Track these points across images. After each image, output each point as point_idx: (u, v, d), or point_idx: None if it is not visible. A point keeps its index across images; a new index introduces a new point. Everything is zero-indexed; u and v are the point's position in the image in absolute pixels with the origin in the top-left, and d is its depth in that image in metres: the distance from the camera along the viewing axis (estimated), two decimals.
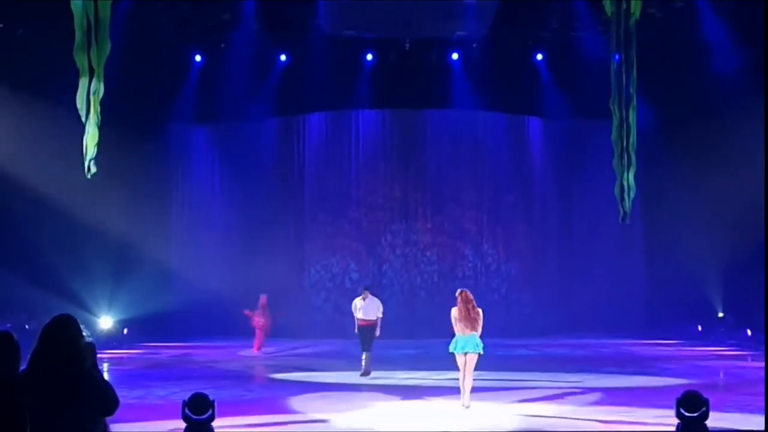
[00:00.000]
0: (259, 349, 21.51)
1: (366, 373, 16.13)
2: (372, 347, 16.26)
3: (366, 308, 16.40)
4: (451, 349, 12.14)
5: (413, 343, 23.83)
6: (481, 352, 12.03)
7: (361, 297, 16.66)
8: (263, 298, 21.69)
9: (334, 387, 14.89)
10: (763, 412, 9.72)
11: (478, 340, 11.97)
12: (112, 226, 23.74)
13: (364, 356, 16.24)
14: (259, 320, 21.50)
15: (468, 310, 11.95)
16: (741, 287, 23.82)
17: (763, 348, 21.45)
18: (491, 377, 15.25)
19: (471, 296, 12.11)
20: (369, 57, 27.04)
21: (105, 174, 10.20)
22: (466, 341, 11.93)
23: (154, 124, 26.64)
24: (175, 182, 28.86)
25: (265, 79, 27.17)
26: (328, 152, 28.57)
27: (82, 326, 5.12)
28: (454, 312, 12.11)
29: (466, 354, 11.91)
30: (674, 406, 7.53)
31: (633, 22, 10.32)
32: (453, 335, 12.14)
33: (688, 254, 25.03)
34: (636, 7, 10.30)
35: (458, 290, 12.46)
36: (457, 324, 12.05)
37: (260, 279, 26.60)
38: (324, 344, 24.56)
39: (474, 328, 11.95)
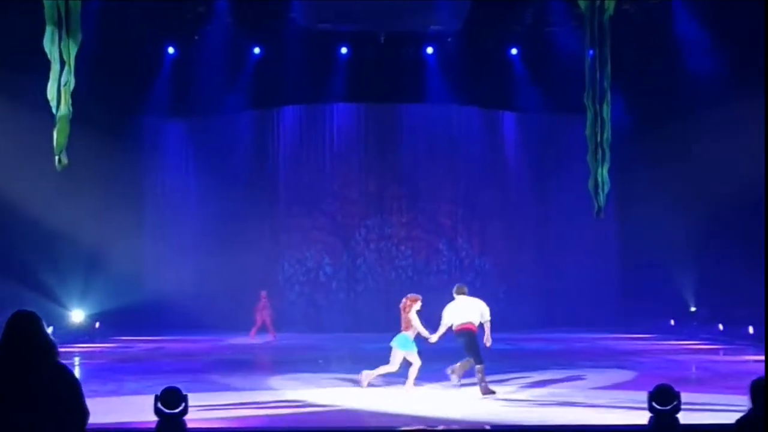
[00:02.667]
0: (253, 336, 24.00)
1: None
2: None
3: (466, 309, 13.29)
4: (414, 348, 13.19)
5: (387, 337, 23.80)
6: None
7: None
8: (263, 294, 24.45)
9: (313, 380, 14.85)
10: (735, 405, 9.80)
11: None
12: (85, 219, 23.53)
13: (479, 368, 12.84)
14: (260, 313, 24.34)
15: None
16: (714, 282, 24.00)
17: (736, 342, 21.70)
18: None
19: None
20: (344, 50, 26.98)
21: (77, 167, 10.09)
22: None
23: (127, 117, 26.49)
24: (148, 175, 28.71)
25: (240, 72, 27.05)
26: (302, 146, 28.52)
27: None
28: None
29: None
30: (647, 400, 7.58)
31: (607, 18, 10.34)
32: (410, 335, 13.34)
33: (661, 249, 25.22)
34: (610, 4, 10.32)
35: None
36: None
37: (235, 273, 26.59)
38: (298, 338, 24.56)
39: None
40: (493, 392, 12.67)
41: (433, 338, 13.18)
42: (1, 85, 20.89)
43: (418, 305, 13.34)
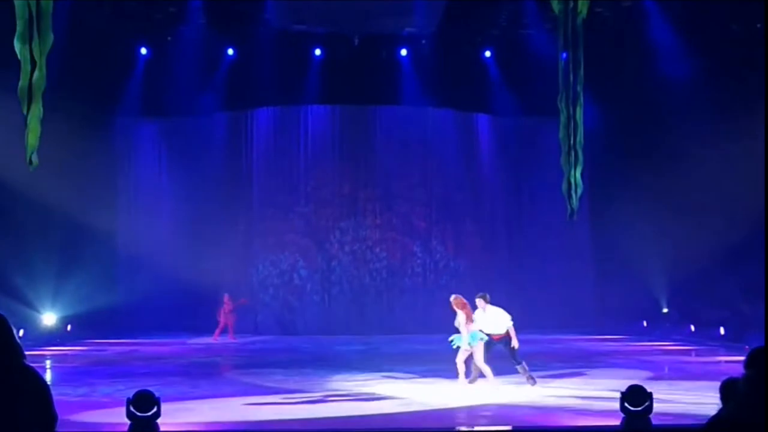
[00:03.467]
0: (216, 337, 24.52)
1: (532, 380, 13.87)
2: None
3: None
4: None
5: (362, 340, 23.84)
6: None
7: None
8: (226, 297, 24.90)
9: (288, 382, 14.82)
10: (705, 406, 9.87)
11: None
12: (57, 220, 23.37)
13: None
14: (224, 315, 24.81)
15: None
16: (685, 284, 24.20)
17: (708, 343, 21.89)
18: (440, 373, 15.30)
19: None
20: (318, 52, 26.96)
21: (49, 168, 10.01)
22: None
23: (99, 117, 26.30)
24: (121, 177, 28.53)
25: (213, 73, 27.00)
26: (276, 147, 28.40)
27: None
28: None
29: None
30: (619, 401, 7.61)
31: (580, 21, 10.37)
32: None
33: (633, 251, 25.37)
34: (583, 6, 10.35)
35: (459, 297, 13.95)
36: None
37: (208, 275, 26.45)
38: (272, 341, 24.51)
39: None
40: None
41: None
42: None
43: None
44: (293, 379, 15.24)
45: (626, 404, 7.59)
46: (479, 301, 14.07)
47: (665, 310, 26.02)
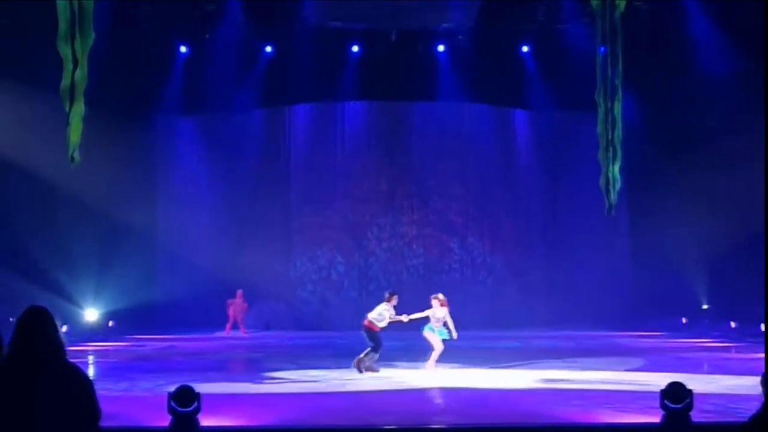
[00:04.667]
0: (228, 331, 25.25)
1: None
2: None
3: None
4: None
5: (398, 336, 23.82)
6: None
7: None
8: (239, 292, 25.52)
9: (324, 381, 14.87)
10: (746, 403, 9.78)
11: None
12: (97, 216, 23.65)
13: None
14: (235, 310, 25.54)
15: None
16: (725, 279, 23.93)
17: (748, 340, 21.64)
18: (477, 367, 15.30)
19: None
20: (355, 48, 26.99)
21: (90, 165, 10.14)
22: None
23: (139, 115, 26.56)
24: (161, 173, 28.75)
25: (251, 70, 27.11)
26: (314, 144, 28.51)
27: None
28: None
29: None
30: (659, 398, 7.57)
31: (618, 15, 10.32)
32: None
33: (673, 247, 25.14)
34: (621, 1, 10.30)
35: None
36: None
37: (246, 270, 26.59)
38: (309, 337, 24.58)
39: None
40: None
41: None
42: (19, 79, 20.93)
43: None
44: (331, 373, 15.32)
45: (666, 401, 7.55)
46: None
47: (705, 307, 25.76)
